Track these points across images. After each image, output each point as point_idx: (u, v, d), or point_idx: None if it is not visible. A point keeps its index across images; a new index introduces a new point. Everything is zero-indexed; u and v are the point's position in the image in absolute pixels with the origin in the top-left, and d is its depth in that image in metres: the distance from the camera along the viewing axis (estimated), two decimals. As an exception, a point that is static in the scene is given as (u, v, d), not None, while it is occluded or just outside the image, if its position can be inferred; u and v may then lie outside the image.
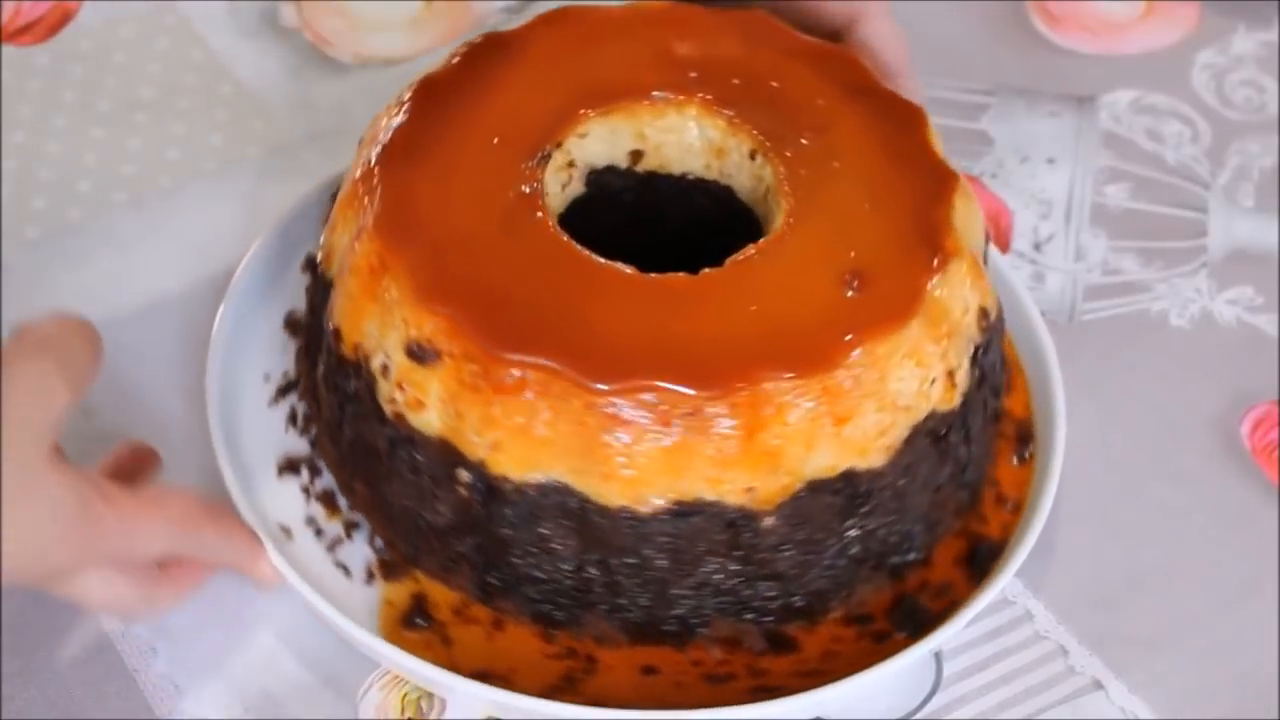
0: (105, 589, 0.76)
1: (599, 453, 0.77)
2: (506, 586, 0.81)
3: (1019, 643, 0.85)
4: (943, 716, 0.83)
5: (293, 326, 0.91)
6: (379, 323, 0.80)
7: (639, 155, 0.87)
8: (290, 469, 0.87)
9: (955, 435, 0.82)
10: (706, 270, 0.80)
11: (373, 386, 0.80)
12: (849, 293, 0.80)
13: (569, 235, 0.82)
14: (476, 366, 0.77)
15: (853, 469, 0.79)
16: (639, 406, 0.76)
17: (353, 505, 0.85)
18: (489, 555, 0.80)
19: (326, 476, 0.87)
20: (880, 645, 0.82)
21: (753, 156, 0.85)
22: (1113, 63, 1.09)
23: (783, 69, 0.87)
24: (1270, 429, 0.93)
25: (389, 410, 0.80)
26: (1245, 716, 0.84)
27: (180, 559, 0.79)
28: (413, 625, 0.82)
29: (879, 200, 0.83)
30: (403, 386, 0.79)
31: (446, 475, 0.79)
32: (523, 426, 0.77)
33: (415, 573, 0.83)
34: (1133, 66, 1.09)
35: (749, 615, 0.81)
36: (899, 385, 0.79)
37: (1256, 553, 0.89)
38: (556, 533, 0.79)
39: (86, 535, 0.73)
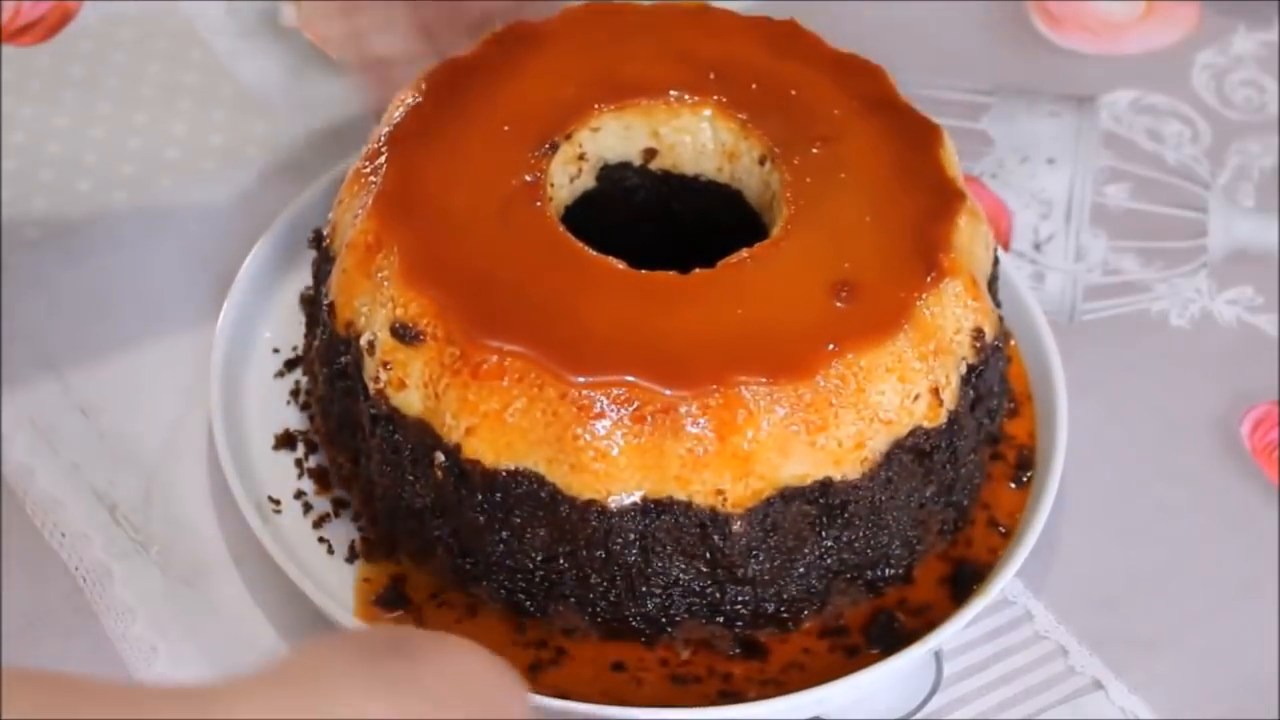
0: None
1: (570, 444, 0.77)
2: (479, 573, 0.81)
3: (1019, 643, 0.85)
4: (943, 716, 0.83)
5: (307, 303, 0.92)
6: (370, 300, 0.81)
7: (653, 153, 0.87)
8: (286, 443, 0.88)
9: (941, 454, 0.82)
10: (697, 270, 0.80)
11: (360, 363, 0.81)
12: (837, 303, 0.80)
13: (578, 228, 0.82)
14: (456, 349, 0.78)
15: (828, 479, 0.79)
16: (613, 401, 0.77)
17: (340, 482, 0.86)
18: (462, 540, 0.81)
19: (322, 453, 0.87)
20: (852, 659, 0.82)
21: (762, 162, 0.85)
22: (1113, 63, 1.09)
23: (803, 77, 0.87)
24: (1270, 429, 0.93)
25: (372, 388, 0.80)
26: (1245, 716, 0.84)
27: None
28: (388, 606, 0.82)
29: (881, 214, 0.83)
30: (386, 365, 0.80)
31: (424, 457, 0.79)
32: (497, 413, 0.77)
33: (398, 554, 0.84)
34: (1133, 66, 1.09)
35: (719, 618, 0.81)
36: (880, 398, 0.79)
37: (1256, 553, 0.89)
38: (528, 522, 0.79)
39: None
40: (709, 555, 0.79)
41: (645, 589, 0.80)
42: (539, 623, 0.82)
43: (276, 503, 0.86)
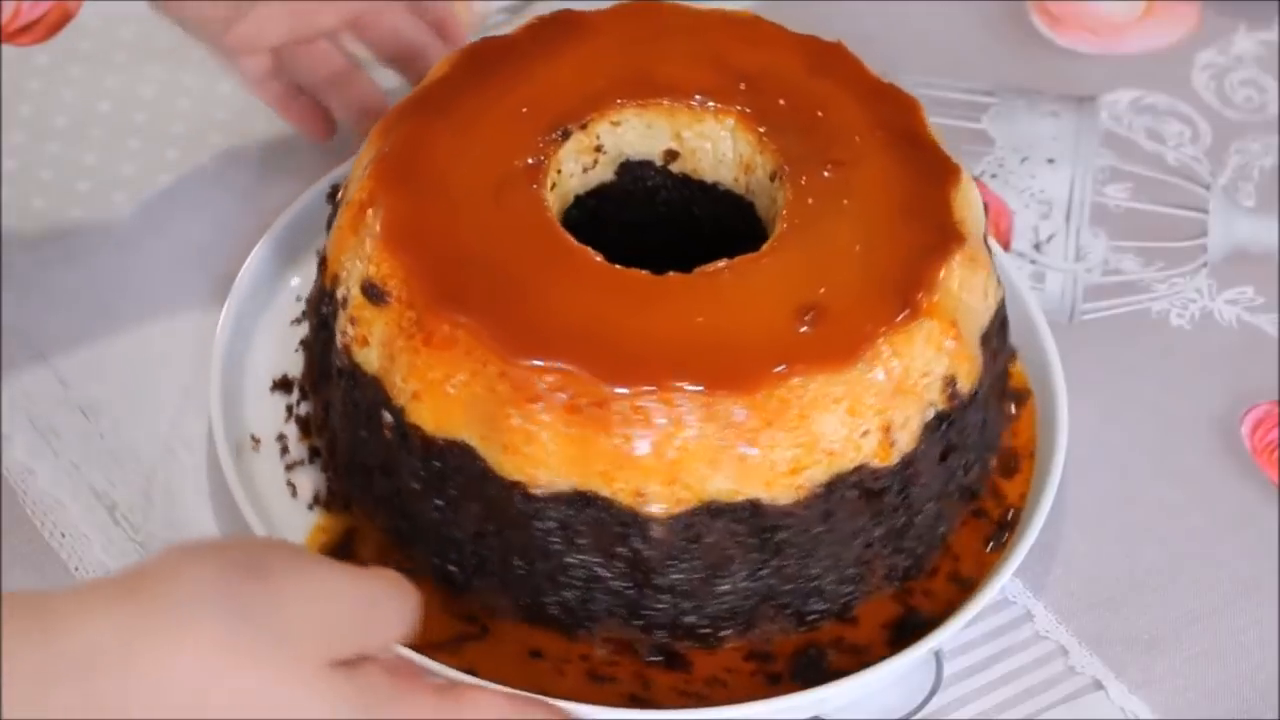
0: None
1: (503, 423, 0.77)
2: (414, 537, 0.82)
3: (1019, 643, 0.85)
4: (943, 716, 0.83)
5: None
6: (353, 256, 0.82)
7: (674, 155, 0.87)
8: (283, 386, 0.89)
9: (892, 496, 0.80)
10: (672, 274, 0.80)
11: (335, 315, 0.82)
12: (802, 326, 0.78)
13: (597, 220, 0.83)
14: (414, 315, 0.78)
15: (757, 500, 0.78)
16: (549, 387, 0.76)
17: (316, 430, 0.87)
18: (403, 502, 0.81)
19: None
20: (772, 687, 0.81)
21: (772, 178, 0.85)
22: (1113, 63, 1.09)
23: (834, 100, 0.86)
24: (1270, 429, 0.93)
25: (339, 341, 0.81)
26: (1245, 716, 0.84)
27: None
28: (335, 556, 0.82)
29: (873, 244, 0.81)
30: (354, 321, 0.80)
31: (376, 415, 0.80)
32: (440, 382, 0.77)
33: (353, 508, 0.84)
34: (1133, 66, 1.09)
35: (638, 622, 0.81)
36: (822, 428, 0.77)
37: (1256, 553, 0.89)
38: (462, 495, 0.79)
39: None
40: (630, 556, 0.78)
41: (565, 578, 0.79)
42: (469, 596, 0.82)
43: (257, 441, 0.87)
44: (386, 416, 0.79)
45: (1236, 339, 0.97)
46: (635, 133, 0.87)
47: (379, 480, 0.82)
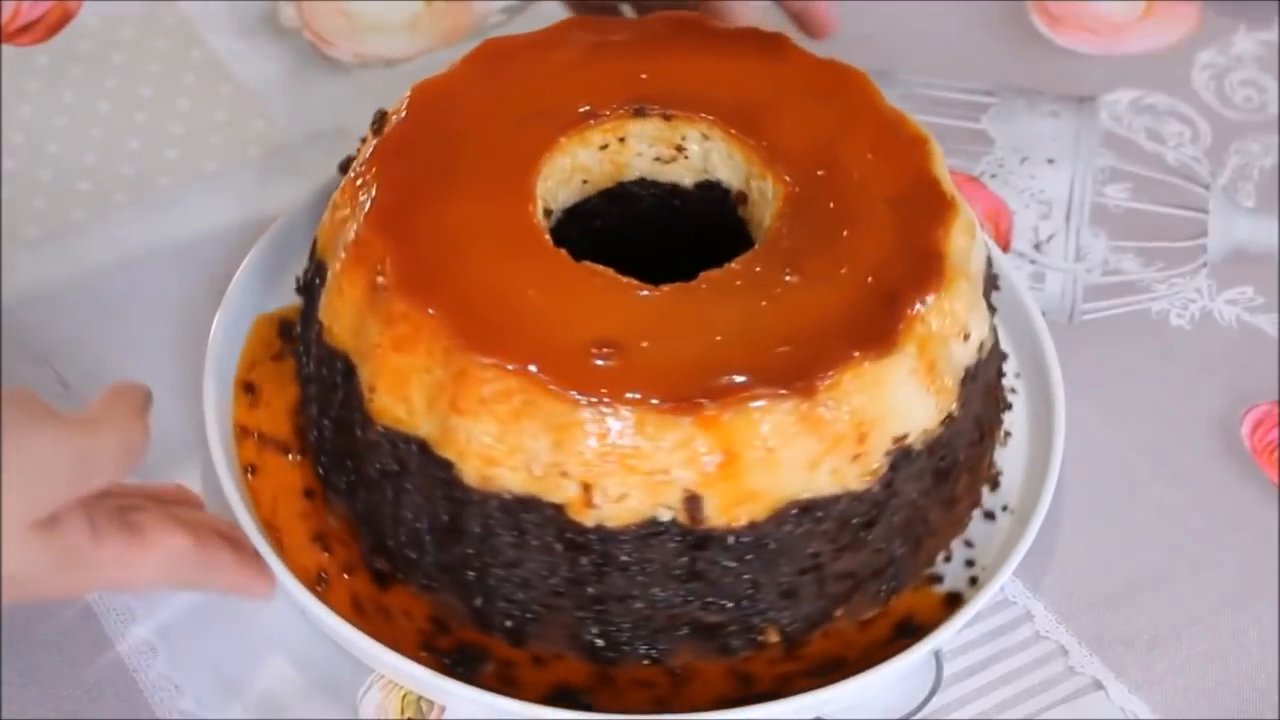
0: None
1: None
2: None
3: (1019, 643, 0.85)
4: (943, 716, 0.83)
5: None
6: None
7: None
8: None
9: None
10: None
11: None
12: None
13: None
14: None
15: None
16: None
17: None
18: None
19: None
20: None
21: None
22: (1113, 63, 1.09)
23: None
24: (1270, 429, 0.93)
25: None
26: (1245, 716, 0.84)
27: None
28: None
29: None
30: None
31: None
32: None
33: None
34: (1133, 66, 1.09)
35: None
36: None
37: (1256, 553, 0.89)
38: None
39: (74, 580, 0.74)
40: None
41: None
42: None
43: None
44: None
45: (1236, 339, 0.97)
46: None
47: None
